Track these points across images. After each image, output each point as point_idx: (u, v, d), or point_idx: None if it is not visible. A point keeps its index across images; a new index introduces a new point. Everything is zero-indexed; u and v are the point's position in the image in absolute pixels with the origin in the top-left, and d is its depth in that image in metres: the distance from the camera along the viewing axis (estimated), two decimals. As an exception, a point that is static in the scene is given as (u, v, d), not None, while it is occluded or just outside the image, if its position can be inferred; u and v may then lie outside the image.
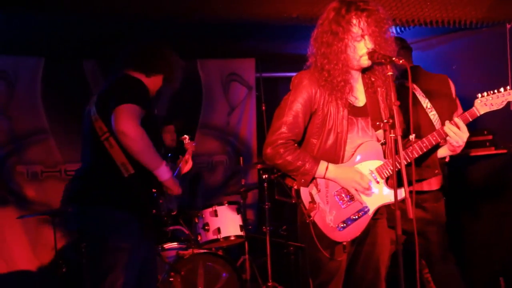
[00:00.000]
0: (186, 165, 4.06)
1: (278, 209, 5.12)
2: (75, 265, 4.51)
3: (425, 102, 3.61)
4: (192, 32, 5.01)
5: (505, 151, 4.37)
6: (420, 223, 3.58)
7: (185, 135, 4.38)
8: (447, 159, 3.31)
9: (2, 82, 5.25)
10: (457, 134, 2.65)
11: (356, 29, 2.60)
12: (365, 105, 2.77)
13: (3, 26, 4.44)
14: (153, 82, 3.21)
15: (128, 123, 2.83)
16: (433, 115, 3.61)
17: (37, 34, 4.77)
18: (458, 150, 2.75)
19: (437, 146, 2.75)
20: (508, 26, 4.44)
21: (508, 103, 2.72)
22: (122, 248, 2.91)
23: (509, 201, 4.35)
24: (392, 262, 3.05)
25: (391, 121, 2.58)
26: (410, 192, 2.42)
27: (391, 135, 2.51)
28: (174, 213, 3.32)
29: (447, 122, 2.67)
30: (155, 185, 3.01)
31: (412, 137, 2.69)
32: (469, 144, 4.24)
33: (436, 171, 2.83)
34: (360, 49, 2.62)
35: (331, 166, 2.65)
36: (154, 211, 3.00)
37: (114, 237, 2.92)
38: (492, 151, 4.39)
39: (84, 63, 5.51)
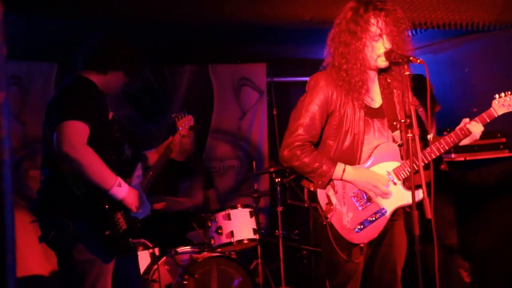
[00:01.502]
0: (176, 147, 3.49)
1: (290, 213, 5.12)
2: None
3: None
4: (203, 37, 5.02)
5: (519, 154, 4.36)
6: None
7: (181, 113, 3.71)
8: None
9: (15, 87, 5.28)
10: (473, 133, 2.69)
11: (374, 29, 2.60)
12: (381, 106, 2.77)
13: (17, 31, 4.48)
14: (112, 80, 2.98)
15: (71, 144, 2.62)
16: None
17: (51, 39, 4.80)
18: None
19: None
20: (521, 28, 4.43)
21: None
22: (87, 261, 2.77)
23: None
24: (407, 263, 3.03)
25: (408, 120, 2.59)
26: (429, 192, 2.41)
27: (408, 135, 2.50)
28: (146, 216, 3.02)
29: (466, 120, 2.67)
30: (109, 200, 2.78)
31: (430, 136, 2.68)
32: (482, 147, 4.27)
33: (442, 166, 2.84)
34: (378, 49, 2.62)
35: (348, 167, 2.64)
36: (107, 232, 2.76)
37: (77, 250, 2.76)
38: (505, 154, 4.37)
39: (96, 68, 5.53)
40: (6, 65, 1.03)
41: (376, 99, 2.76)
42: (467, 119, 2.70)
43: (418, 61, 2.48)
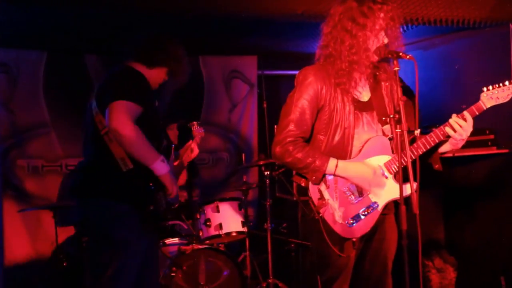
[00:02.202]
0: (192, 153, 4.02)
1: (278, 206, 5.12)
2: (76, 259, 4.51)
3: None
4: (194, 28, 5.00)
5: (506, 150, 4.39)
6: None
7: (194, 121, 4.28)
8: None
9: (4, 75, 5.24)
10: (463, 128, 2.65)
11: (381, 22, 2.57)
12: (370, 99, 2.75)
13: (6, 19, 4.43)
14: (155, 75, 3.19)
15: (120, 120, 2.81)
16: None
17: (40, 28, 4.76)
18: (460, 145, 2.74)
19: (440, 142, 2.76)
20: (511, 26, 4.45)
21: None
22: (123, 240, 2.89)
23: (509, 200, 4.37)
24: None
25: (397, 116, 2.59)
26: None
27: (397, 130, 2.50)
28: (176, 206, 3.25)
29: (454, 116, 2.67)
30: (153, 179, 2.97)
31: (417, 132, 2.69)
32: (470, 144, 4.29)
33: (437, 166, 2.84)
34: (378, 43, 2.60)
35: (340, 162, 2.62)
36: (152, 206, 2.95)
37: (115, 229, 2.90)
38: (493, 150, 4.40)
39: (86, 58, 5.51)
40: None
41: (364, 93, 2.75)
42: (454, 115, 2.70)
43: (408, 57, 2.47)
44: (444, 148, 2.81)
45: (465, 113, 2.67)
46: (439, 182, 4.60)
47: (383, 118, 2.73)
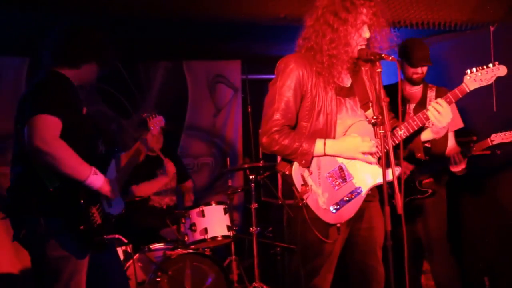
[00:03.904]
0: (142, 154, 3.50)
1: (264, 210, 5.12)
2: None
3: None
4: (178, 33, 5.00)
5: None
6: None
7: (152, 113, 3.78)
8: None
9: (-15, 82, 5.21)
10: (441, 114, 2.66)
11: (363, 18, 2.59)
12: (351, 85, 2.77)
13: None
14: (85, 73, 2.94)
15: (42, 138, 2.58)
16: None
17: (22, 34, 4.73)
18: (442, 133, 2.77)
19: (421, 129, 2.78)
20: (491, 28, 4.50)
21: (497, 78, 2.72)
22: (62, 256, 2.71)
23: (491, 200, 4.39)
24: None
25: (380, 117, 2.61)
26: (399, 182, 2.41)
27: (380, 131, 2.51)
28: (119, 213, 2.99)
29: (432, 102, 2.69)
30: (84, 194, 2.75)
31: (401, 133, 2.71)
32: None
33: (419, 154, 2.86)
34: (359, 38, 2.62)
35: (328, 141, 2.64)
36: (82, 226, 2.71)
37: (51, 245, 2.71)
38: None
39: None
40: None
41: (346, 78, 2.76)
42: (433, 101, 2.73)
43: (390, 58, 2.50)
44: (426, 136, 2.83)
45: (440, 100, 2.68)
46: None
47: (366, 103, 2.75)
